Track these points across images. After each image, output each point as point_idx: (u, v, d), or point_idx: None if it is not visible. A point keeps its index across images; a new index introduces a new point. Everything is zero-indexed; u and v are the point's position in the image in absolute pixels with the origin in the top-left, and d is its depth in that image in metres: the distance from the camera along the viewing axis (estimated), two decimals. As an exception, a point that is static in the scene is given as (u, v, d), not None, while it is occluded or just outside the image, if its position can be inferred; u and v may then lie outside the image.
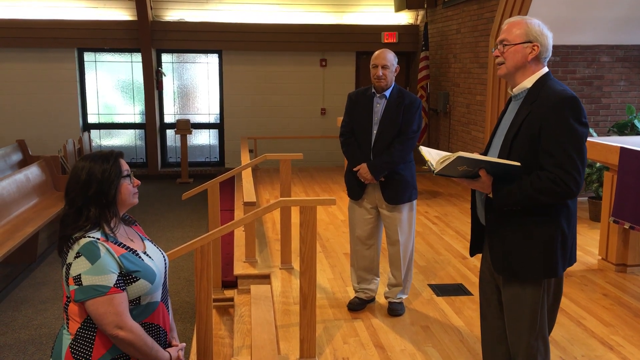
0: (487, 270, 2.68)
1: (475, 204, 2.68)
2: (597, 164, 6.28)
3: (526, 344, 2.51)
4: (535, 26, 2.47)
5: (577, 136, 2.34)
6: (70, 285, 2.03)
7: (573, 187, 2.32)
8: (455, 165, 2.33)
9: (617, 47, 7.37)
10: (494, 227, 2.52)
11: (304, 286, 3.45)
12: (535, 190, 2.33)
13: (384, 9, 11.07)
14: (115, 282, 2.03)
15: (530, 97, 2.44)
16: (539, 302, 2.48)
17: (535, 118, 2.38)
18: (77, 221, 2.08)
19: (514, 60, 2.48)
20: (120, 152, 2.24)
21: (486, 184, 2.41)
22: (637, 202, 4.44)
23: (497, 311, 2.66)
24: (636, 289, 4.59)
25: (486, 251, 2.66)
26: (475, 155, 2.32)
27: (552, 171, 2.32)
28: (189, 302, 5.42)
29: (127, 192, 2.19)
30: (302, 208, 3.43)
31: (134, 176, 2.28)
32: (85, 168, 2.12)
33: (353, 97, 4.22)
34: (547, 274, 2.45)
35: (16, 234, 5.87)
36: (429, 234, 6.16)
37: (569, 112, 2.33)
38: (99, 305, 2.00)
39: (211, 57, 11.19)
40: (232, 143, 11.14)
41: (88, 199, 2.09)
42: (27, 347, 4.61)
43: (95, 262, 2.01)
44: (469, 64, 8.73)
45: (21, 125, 10.56)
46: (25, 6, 10.37)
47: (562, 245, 2.45)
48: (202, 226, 7.63)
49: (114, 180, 2.13)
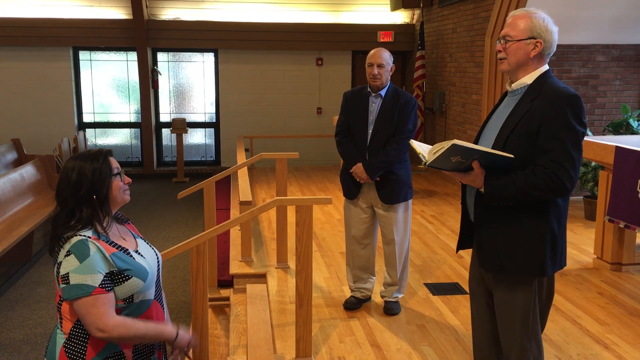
0: (476, 270, 2.65)
1: (466, 199, 2.64)
2: (593, 163, 6.29)
3: (519, 345, 2.49)
4: (540, 21, 2.43)
5: (576, 135, 2.32)
6: (60, 283, 2.03)
7: (567, 184, 2.30)
8: (449, 155, 2.29)
9: (612, 46, 7.39)
10: (482, 224, 2.49)
11: (300, 285, 3.44)
12: (528, 185, 2.30)
13: (380, 8, 11.07)
14: (101, 282, 2.01)
15: (531, 94, 2.41)
16: (530, 302, 2.46)
17: (535, 114, 2.34)
18: (69, 221, 2.07)
19: (516, 57, 2.44)
20: (110, 150, 2.22)
21: (479, 177, 2.36)
22: (632, 201, 4.45)
23: (487, 311, 2.63)
24: (631, 287, 4.60)
25: (474, 249, 2.62)
26: (470, 144, 2.27)
27: (548, 166, 2.29)
28: (184, 302, 5.41)
29: (119, 190, 2.18)
30: (298, 207, 3.43)
31: (125, 174, 2.25)
32: (75, 168, 2.10)
33: (349, 96, 4.21)
34: (536, 272, 2.42)
35: (11, 233, 5.84)
36: (425, 233, 6.17)
37: (570, 110, 2.31)
38: (82, 305, 2.00)
39: (207, 55, 11.17)
40: (228, 142, 11.12)
41: (80, 199, 2.08)
42: (21, 346, 4.60)
43: (84, 260, 2.01)
44: (465, 63, 8.74)
45: (16, 124, 10.52)
46: (20, 5, 10.33)
47: (552, 244, 2.42)
48: (198, 225, 7.62)
49: (105, 179, 2.12)
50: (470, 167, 2.37)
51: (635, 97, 7.63)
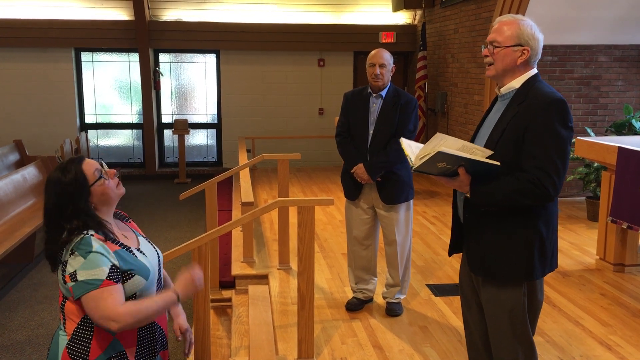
0: (466, 272, 2.65)
1: (457, 203, 2.64)
2: (595, 164, 6.28)
3: (509, 348, 2.47)
4: (527, 28, 2.42)
5: (561, 140, 2.32)
6: (67, 282, 2.02)
7: (551, 191, 2.30)
8: (435, 161, 2.28)
9: (614, 47, 7.38)
10: (471, 227, 2.49)
11: (302, 286, 3.44)
12: (513, 191, 2.31)
13: (382, 9, 11.06)
14: (108, 275, 2.01)
15: (518, 98, 2.42)
16: (519, 305, 2.44)
17: (521, 119, 2.36)
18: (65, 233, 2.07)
19: (503, 63, 2.45)
20: (80, 157, 2.16)
21: (464, 182, 2.37)
22: (635, 202, 4.44)
23: (478, 314, 2.62)
24: (634, 288, 4.59)
25: (464, 252, 2.62)
26: (456, 152, 2.28)
27: (533, 173, 2.30)
28: (186, 303, 5.39)
29: (107, 190, 2.14)
30: (300, 208, 3.42)
31: (108, 168, 2.20)
32: (53, 193, 2.08)
33: (349, 97, 4.21)
34: (523, 276, 2.42)
35: (13, 234, 5.85)
36: (427, 234, 6.16)
37: (555, 115, 2.32)
38: (91, 299, 1.99)
39: (209, 57, 11.17)
40: (230, 143, 11.12)
41: (68, 217, 2.07)
42: (24, 347, 4.60)
43: (88, 256, 2.01)
44: (467, 64, 8.73)
45: (18, 125, 10.53)
46: (22, 6, 10.35)
47: (541, 248, 2.41)
48: (200, 226, 7.62)
49: (82, 194, 2.08)
50: (456, 172, 2.37)
51: (637, 97, 7.62)
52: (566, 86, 7.34)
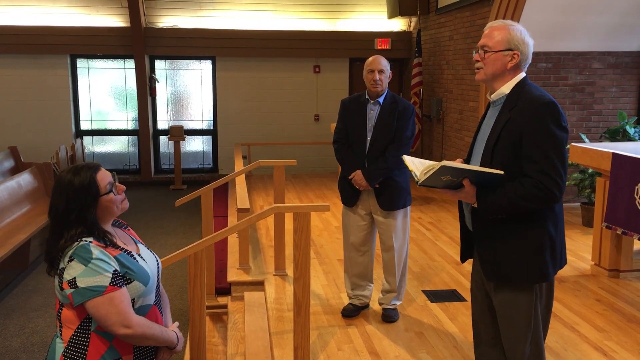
0: (477, 276, 2.68)
1: (463, 212, 2.69)
2: (590, 170, 6.30)
3: (522, 351, 2.51)
4: (517, 33, 2.47)
5: (558, 141, 2.36)
6: (65, 289, 2.02)
7: (556, 192, 2.34)
8: (439, 175, 2.34)
9: (608, 53, 7.42)
10: (482, 235, 2.53)
11: (298, 293, 3.44)
12: (519, 197, 2.35)
13: (377, 16, 11.11)
14: (112, 281, 2.01)
15: (509, 104, 2.46)
16: (532, 308, 2.49)
17: (515, 125, 2.39)
18: (63, 240, 2.07)
19: (493, 67, 2.49)
20: (97, 166, 2.17)
21: (470, 193, 2.42)
22: (630, 208, 4.46)
23: (489, 317, 2.66)
24: (629, 294, 4.60)
25: (476, 258, 2.67)
26: (459, 165, 2.33)
27: (535, 177, 2.34)
28: (182, 309, 5.39)
29: (112, 205, 2.16)
30: (296, 214, 3.43)
31: (118, 182, 2.22)
32: (63, 195, 2.08)
33: (346, 103, 4.22)
34: (538, 278, 2.46)
35: (8, 241, 5.83)
36: (423, 240, 6.17)
37: (548, 117, 2.35)
38: (99, 306, 1.99)
39: (204, 63, 11.19)
40: (226, 149, 11.12)
41: (70, 223, 2.07)
42: (18, 355, 4.58)
43: (88, 263, 2.00)
44: (462, 71, 8.77)
45: (13, 132, 10.51)
46: (17, 12, 10.35)
47: (551, 249, 2.46)
48: (196, 233, 7.61)
49: (90, 204, 2.09)
50: (461, 184, 2.42)
51: (631, 104, 7.66)
52: (560, 93, 7.38)
